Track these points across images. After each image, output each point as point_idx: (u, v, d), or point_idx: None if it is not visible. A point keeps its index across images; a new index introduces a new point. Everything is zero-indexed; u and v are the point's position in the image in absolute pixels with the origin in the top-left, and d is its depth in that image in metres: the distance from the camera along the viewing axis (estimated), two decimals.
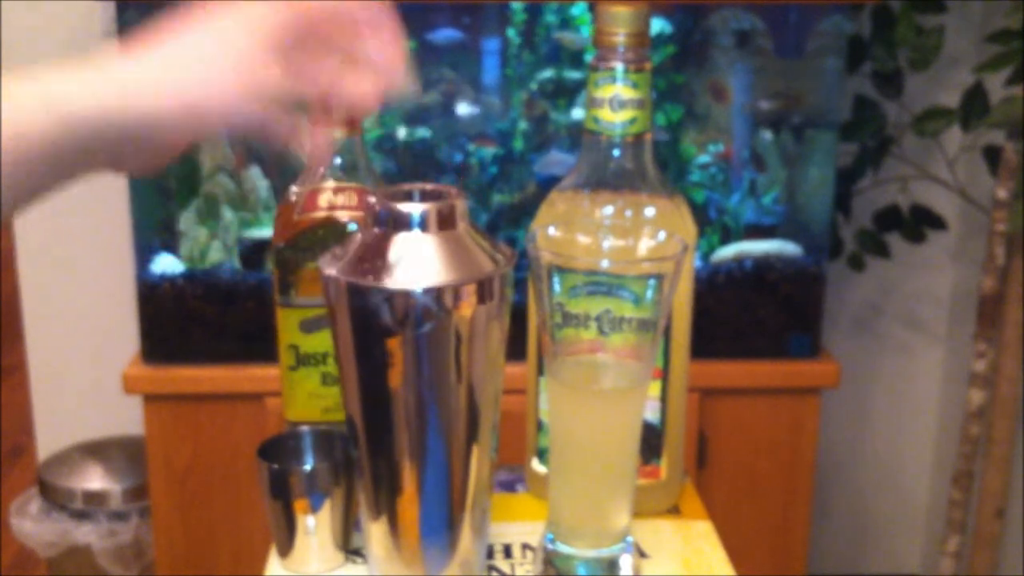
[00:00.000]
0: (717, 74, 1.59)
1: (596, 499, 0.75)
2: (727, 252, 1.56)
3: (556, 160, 1.53)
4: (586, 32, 1.54)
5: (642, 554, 0.81)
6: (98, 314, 1.80)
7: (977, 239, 1.79)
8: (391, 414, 0.68)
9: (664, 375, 0.83)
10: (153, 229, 1.56)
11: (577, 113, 1.55)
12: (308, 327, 0.82)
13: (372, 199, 0.68)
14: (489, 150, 1.58)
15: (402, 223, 0.66)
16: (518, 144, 1.58)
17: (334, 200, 0.82)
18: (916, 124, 1.66)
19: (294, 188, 0.83)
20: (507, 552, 0.81)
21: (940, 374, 1.98)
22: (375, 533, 0.72)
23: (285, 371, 0.84)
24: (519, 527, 0.84)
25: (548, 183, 1.55)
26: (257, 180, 1.55)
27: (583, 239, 0.75)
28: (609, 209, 0.79)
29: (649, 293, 0.69)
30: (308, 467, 0.77)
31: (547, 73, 1.56)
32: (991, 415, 1.69)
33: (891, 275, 1.91)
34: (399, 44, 0.66)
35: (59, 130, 0.56)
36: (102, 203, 1.74)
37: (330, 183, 0.82)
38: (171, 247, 1.54)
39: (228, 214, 1.53)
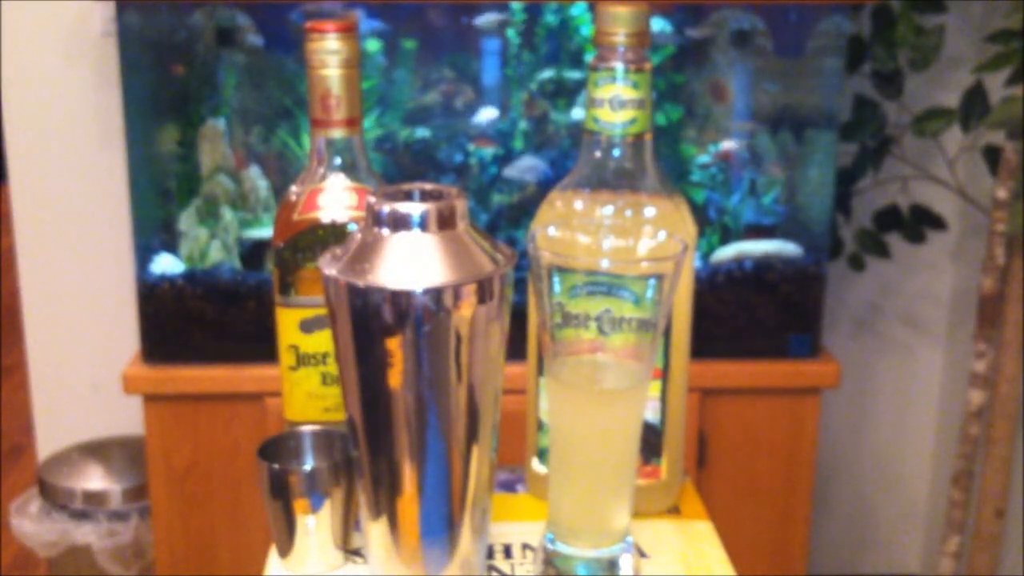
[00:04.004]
0: (717, 74, 1.59)
1: (596, 499, 0.75)
2: (727, 252, 1.56)
3: (529, 165, 1.53)
4: (587, 31, 1.54)
5: (642, 554, 0.81)
6: (98, 314, 1.80)
7: (977, 239, 1.79)
8: (391, 414, 0.68)
9: (664, 375, 0.83)
10: (153, 229, 1.56)
11: (577, 113, 1.55)
12: (308, 327, 0.82)
13: (372, 199, 0.68)
14: (489, 150, 1.58)
15: (402, 223, 0.66)
16: (518, 144, 1.58)
17: (334, 200, 0.82)
18: (916, 124, 1.66)
19: (294, 188, 0.83)
20: (507, 552, 0.81)
21: (940, 374, 1.98)
22: (375, 533, 0.72)
23: (285, 371, 0.84)
24: (519, 527, 0.84)
25: (524, 186, 1.56)
26: (257, 180, 1.55)
27: (583, 239, 0.75)
28: (609, 209, 0.79)
29: (649, 293, 0.69)
30: (308, 467, 0.77)
31: (547, 73, 1.56)
32: (991, 415, 1.69)
33: (891, 275, 1.91)
34: None
35: None
36: (102, 203, 1.74)
37: (330, 183, 0.82)
38: (171, 247, 1.54)
39: (228, 214, 1.53)
